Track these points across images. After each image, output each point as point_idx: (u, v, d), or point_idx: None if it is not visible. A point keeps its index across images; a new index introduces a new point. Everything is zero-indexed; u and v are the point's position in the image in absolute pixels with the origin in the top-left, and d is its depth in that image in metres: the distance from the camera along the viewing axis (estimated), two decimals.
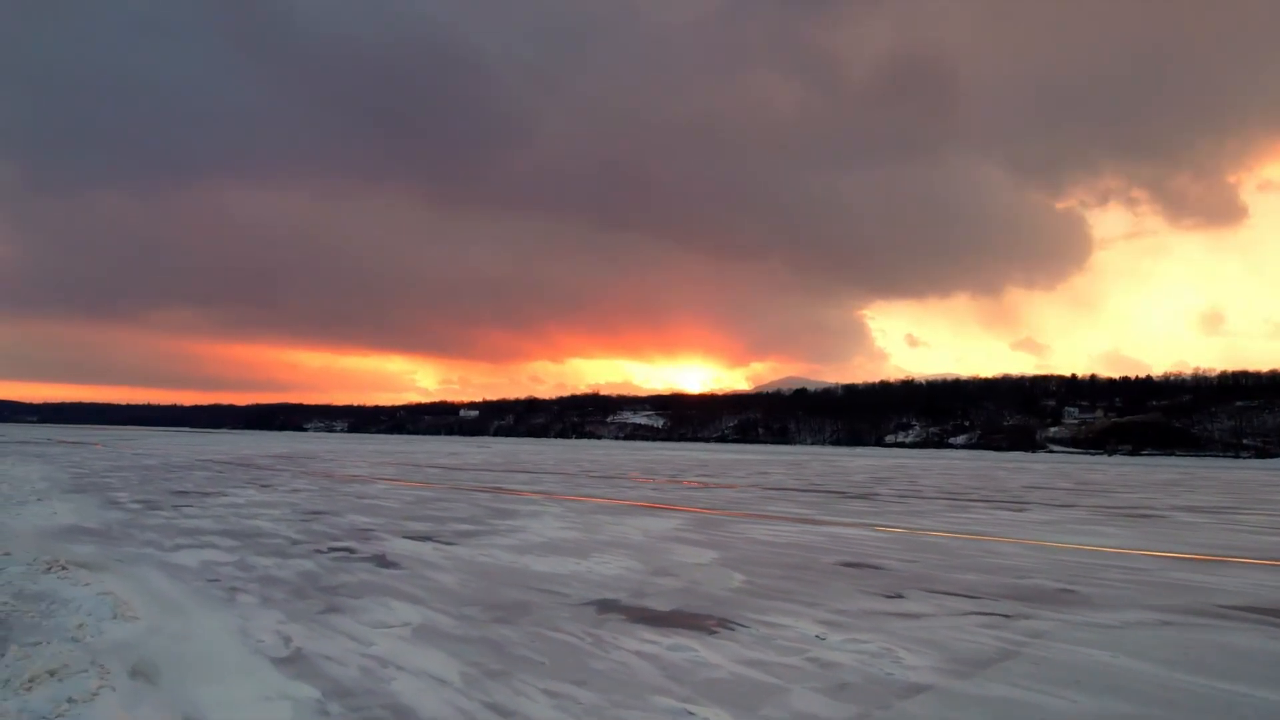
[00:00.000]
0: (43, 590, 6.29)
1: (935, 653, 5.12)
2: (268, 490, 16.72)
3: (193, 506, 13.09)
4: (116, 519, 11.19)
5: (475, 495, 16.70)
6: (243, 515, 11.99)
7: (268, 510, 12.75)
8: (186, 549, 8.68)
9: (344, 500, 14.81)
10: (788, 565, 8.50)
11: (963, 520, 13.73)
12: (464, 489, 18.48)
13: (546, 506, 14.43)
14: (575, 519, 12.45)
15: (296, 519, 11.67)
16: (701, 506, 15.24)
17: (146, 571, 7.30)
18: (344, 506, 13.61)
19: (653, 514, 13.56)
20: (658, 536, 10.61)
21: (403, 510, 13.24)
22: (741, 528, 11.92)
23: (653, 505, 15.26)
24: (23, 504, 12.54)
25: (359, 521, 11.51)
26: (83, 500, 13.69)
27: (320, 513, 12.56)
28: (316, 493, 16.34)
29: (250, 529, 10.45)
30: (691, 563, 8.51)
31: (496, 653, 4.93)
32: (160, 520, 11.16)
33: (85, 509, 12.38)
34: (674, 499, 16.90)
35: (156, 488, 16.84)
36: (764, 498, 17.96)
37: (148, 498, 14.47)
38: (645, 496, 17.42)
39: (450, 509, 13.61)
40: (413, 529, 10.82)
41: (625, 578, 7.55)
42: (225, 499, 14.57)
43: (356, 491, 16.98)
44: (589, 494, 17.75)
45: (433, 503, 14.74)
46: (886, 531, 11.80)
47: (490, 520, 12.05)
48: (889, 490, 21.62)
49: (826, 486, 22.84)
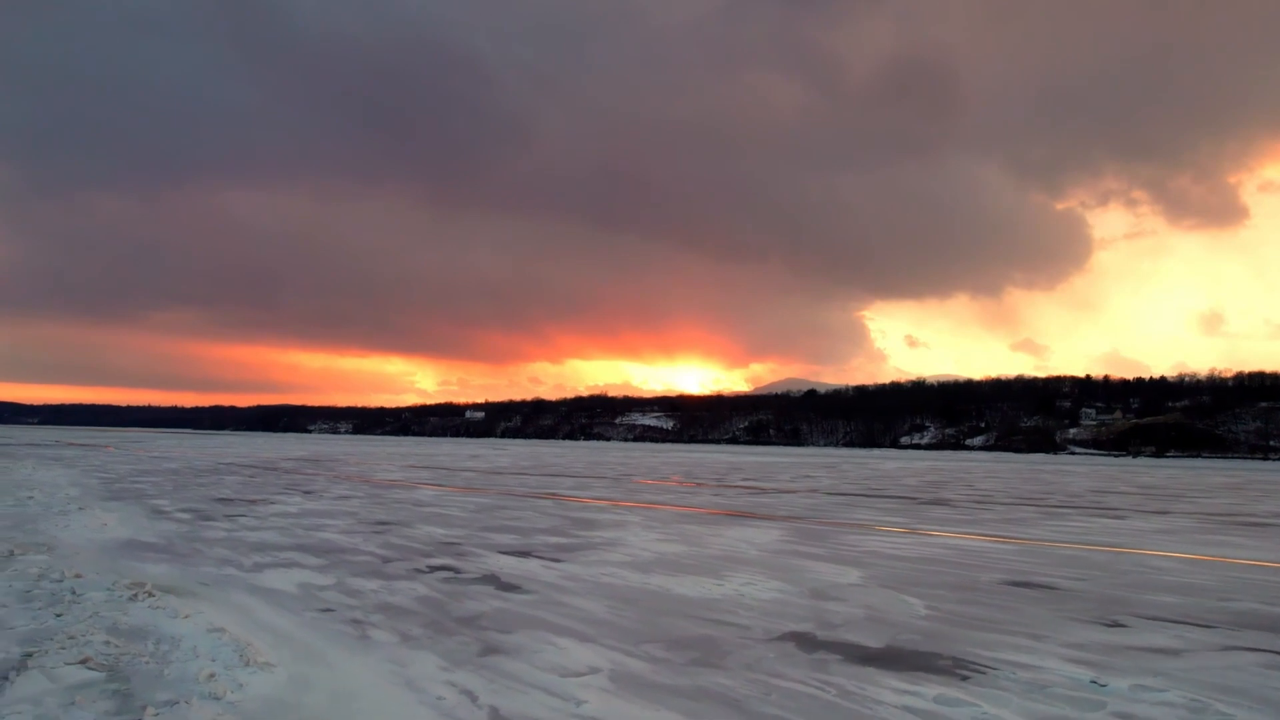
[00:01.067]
0: (140, 624, 5.35)
1: (1258, 706, 4.18)
2: (314, 497, 15.79)
3: (246, 516, 12.16)
4: (174, 531, 10.25)
5: (536, 502, 15.75)
6: (305, 526, 11.06)
7: (329, 520, 11.82)
8: (271, 569, 7.74)
9: (402, 508, 13.88)
10: (951, 585, 7.56)
11: (1074, 529, 12.77)
12: (518, 495, 17.53)
13: (622, 515, 13.49)
14: (666, 529, 11.50)
15: (367, 531, 10.73)
16: (783, 514, 14.28)
17: (243, 598, 6.36)
18: (408, 516, 12.67)
19: (741, 523, 12.61)
20: (772, 550, 9.68)
21: (473, 520, 12.30)
22: (851, 539, 10.98)
23: (733, 513, 14.31)
24: (64, 514, 11.62)
25: (436, 534, 10.57)
26: (125, 509, 12.76)
27: (388, 523, 11.62)
28: (367, 500, 15.41)
29: (324, 543, 9.51)
30: (845, 583, 7.57)
31: (737, 711, 3.99)
32: (220, 533, 10.22)
33: (133, 519, 11.45)
34: (745, 505, 15.94)
35: (195, 494, 15.92)
36: (837, 504, 16.99)
37: (193, 506, 13.55)
38: (714, 503, 16.46)
39: (523, 518, 12.67)
40: (501, 542, 9.88)
41: (791, 603, 6.60)
42: (274, 507, 13.64)
43: (408, 498, 16.05)
44: (653, 500, 16.79)
45: (498, 511, 13.79)
46: (1009, 543, 10.84)
47: (576, 531, 11.10)
48: (955, 495, 20.64)
49: (886, 491, 21.88)
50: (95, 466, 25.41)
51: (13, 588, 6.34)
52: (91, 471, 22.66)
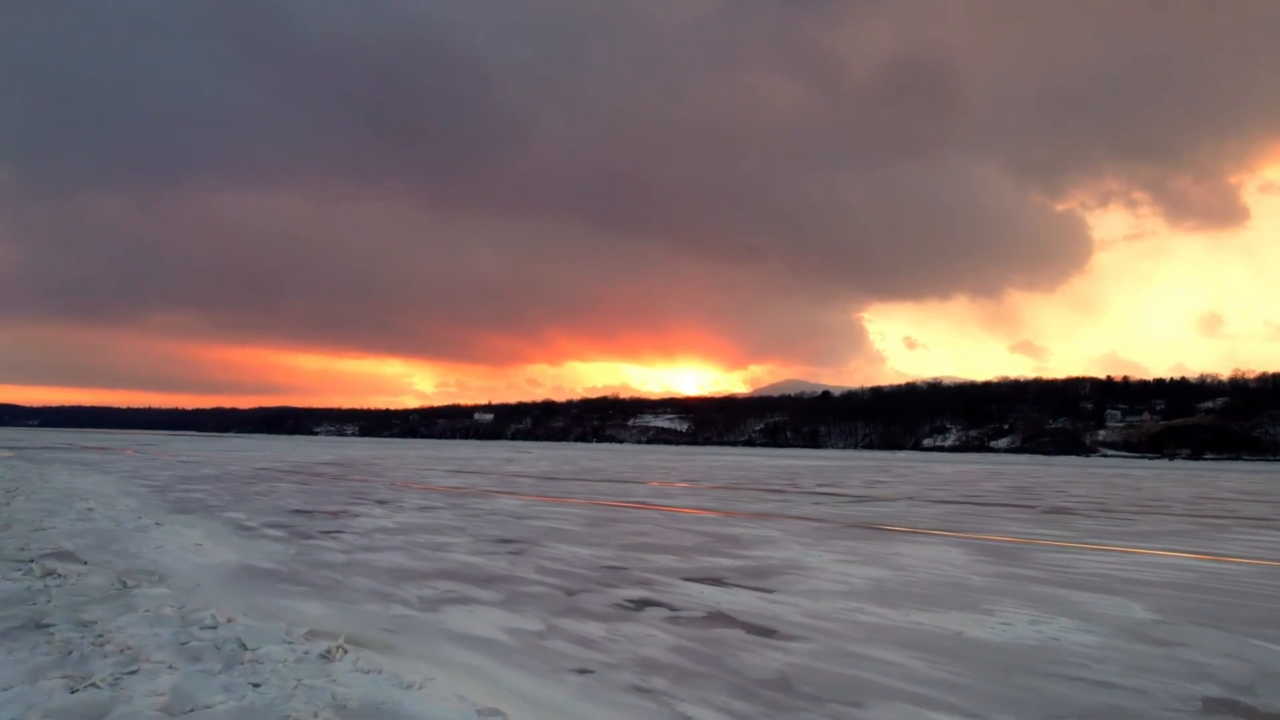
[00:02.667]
0: (369, 699, 3.99)
1: None
2: (395, 509, 14.46)
3: (345, 533, 10.82)
4: (283, 553, 8.91)
5: (641, 513, 14.39)
6: (425, 545, 9.71)
7: (442, 538, 10.48)
8: (446, 605, 6.38)
9: (506, 522, 12.54)
10: (1256, 621, 6.21)
11: (1271, 544, 11.37)
12: (608, 504, 16.17)
13: (756, 529, 12.12)
14: (829, 545, 10.12)
15: (499, 551, 9.38)
16: (929, 526, 12.91)
17: (459, 653, 5.01)
18: (524, 532, 11.32)
19: (900, 539, 11.25)
20: (987, 574, 8.34)
21: (601, 536, 10.95)
22: (1051, 557, 9.65)
23: (872, 526, 12.95)
24: (142, 530, 10.28)
25: (582, 554, 9.21)
26: (204, 524, 11.43)
27: (513, 541, 10.27)
28: (456, 512, 14.07)
29: (468, 568, 8.16)
30: (1145, 619, 6.29)
31: None
32: (336, 555, 8.88)
33: (223, 537, 10.11)
34: (866, 516, 14.57)
35: (263, 505, 14.59)
36: (961, 513, 15.61)
37: (275, 520, 12.21)
38: (832, 514, 15.08)
39: (652, 532, 11.30)
40: (668, 565, 8.52)
41: (1132, 651, 5.28)
42: (364, 520, 12.30)
43: (498, 509, 14.70)
44: (761, 510, 15.43)
45: (614, 524, 12.43)
46: (1236, 562, 9.45)
47: (733, 550, 9.74)
48: (1069, 503, 19.24)
49: (984, 497, 20.50)
50: (130, 472, 24.11)
51: (161, 637, 4.99)
52: (131, 478, 21.36)
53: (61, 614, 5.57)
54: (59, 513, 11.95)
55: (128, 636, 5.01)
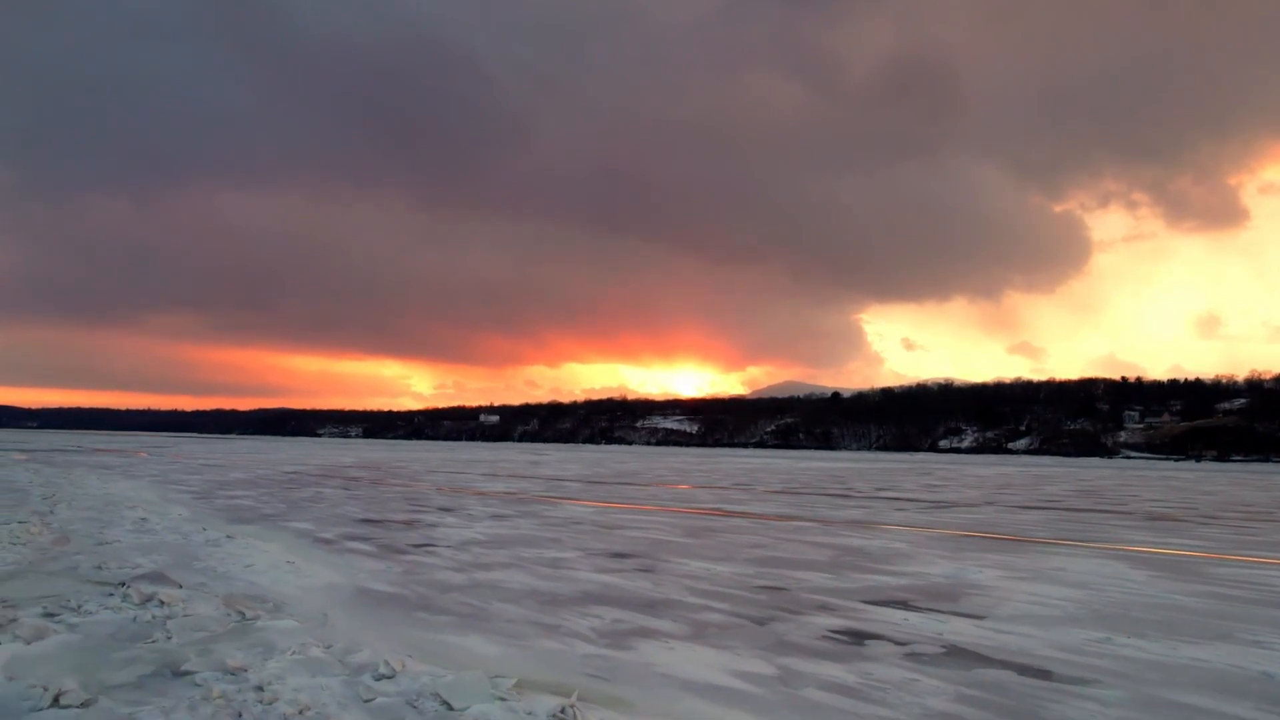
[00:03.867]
0: None
1: None
2: (468, 518, 13.51)
3: (436, 546, 9.87)
4: (385, 572, 7.96)
5: (731, 521, 13.43)
6: (537, 561, 8.75)
7: (550, 552, 9.52)
8: (636, 639, 5.42)
9: (598, 533, 11.58)
10: None
11: None
12: (690, 511, 15.20)
13: (878, 540, 11.14)
14: (983, 559, 9.14)
15: (624, 568, 8.42)
16: (1053, 536, 11.94)
17: (723, 713, 4.05)
18: (629, 544, 10.37)
19: (1049, 552, 10.27)
20: (1192, 593, 7.36)
21: (716, 549, 9.98)
22: (1227, 572, 8.67)
23: (998, 536, 11.97)
24: (215, 545, 9.32)
25: (719, 571, 8.25)
26: (277, 536, 10.47)
27: (629, 555, 9.31)
28: (535, 520, 13.11)
29: (611, 590, 7.20)
30: None
31: None
32: (450, 574, 7.93)
33: (305, 551, 9.16)
34: (960, 522, 13.59)
35: (323, 513, 13.65)
36: (1070, 521, 14.64)
37: (347, 530, 11.26)
38: (933, 520, 14.11)
39: (769, 545, 10.33)
40: (830, 585, 7.56)
41: None
42: (444, 531, 11.36)
43: (581, 518, 13.75)
44: (863, 519, 14.46)
45: (712, 534, 11.47)
46: None
47: (882, 566, 8.77)
48: (1158, 508, 18.26)
49: (1062, 502, 19.52)
50: (158, 476, 23.16)
51: (333, 690, 4.03)
52: (164, 483, 20.41)
53: (195, 656, 4.61)
54: (113, 523, 11.01)
55: (293, 689, 4.05)
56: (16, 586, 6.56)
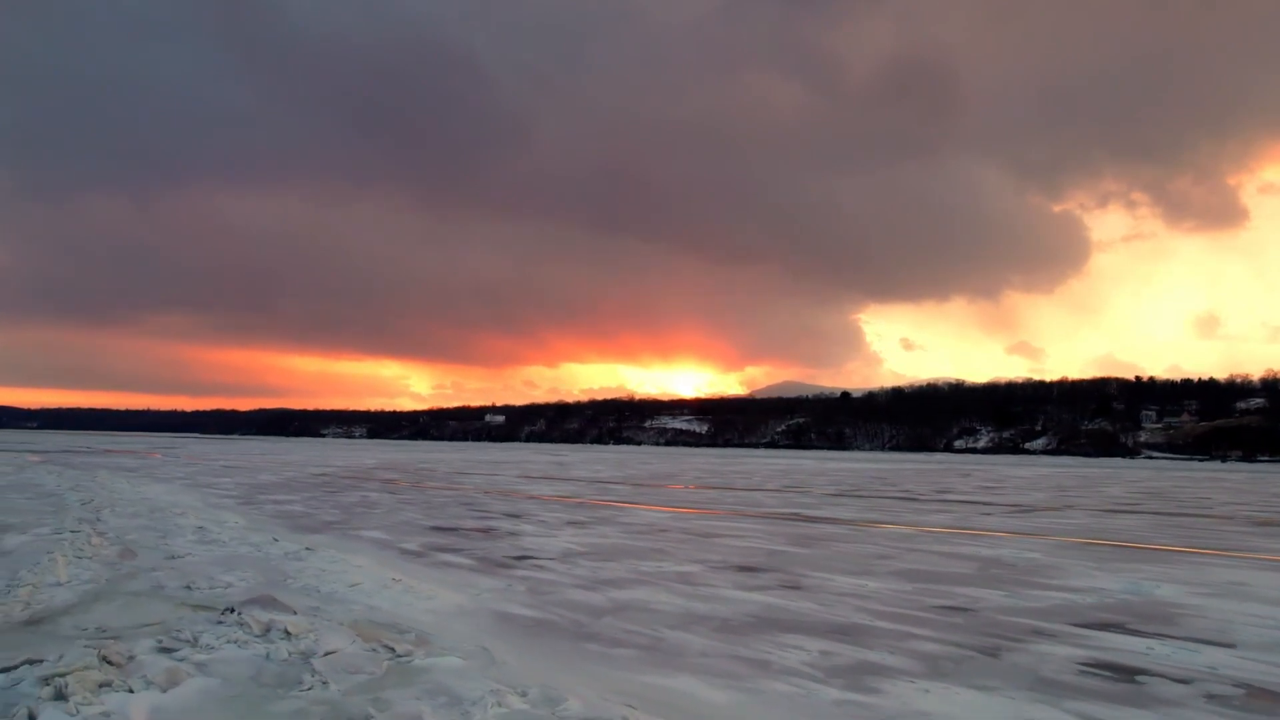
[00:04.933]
0: None
1: None
2: (551, 526, 12.66)
3: (538, 558, 9.01)
4: (509, 592, 7.10)
5: (824, 528, 12.57)
6: (664, 576, 7.90)
7: (667, 564, 8.66)
8: (875, 679, 4.56)
9: (697, 541, 10.73)
10: None
11: None
12: (771, 516, 14.34)
13: (1006, 549, 10.26)
14: (1151, 572, 8.27)
15: (764, 585, 7.56)
16: (1184, 545, 11.06)
17: None
18: (741, 555, 9.51)
19: (1208, 563, 9.40)
20: None
21: (840, 560, 9.13)
22: None
23: (1129, 545, 11.09)
24: (297, 559, 8.46)
25: (871, 588, 7.38)
26: (357, 547, 9.62)
27: (753, 569, 8.45)
28: (623, 528, 12.26)
29: (786, 614, 6.34)
30: None
31: None
32: (582, 593, 7.07)
33: (401, 566, 8.31)
34: (1079, 530, 12.72)
35: (388, 521, 12.81)
36: (1184, 528, 13.76)
37: (429, 540, 10.41)
38: (1040, 529, 13.23)
39: (895, 555, 9.46)
40: (1012, 604, 6.70)
41: None
42: (538, 541, 10.51)
43: (668, 525, 12.89)
44: (962, 525, 13.59)
45: (820, 542, 10.60)
46: None
47: (1047, 581, 7.90)
48: (1257, 514, 17.37)
49: (1142, 505, 18.64)
50: (185, 479, 22.33)
51: None
52: (196, 486, 19.59)
53: (375, 710, 3.75)
54: (171, 533, 10.16)
55: None
56: (108, 612, 5.71)
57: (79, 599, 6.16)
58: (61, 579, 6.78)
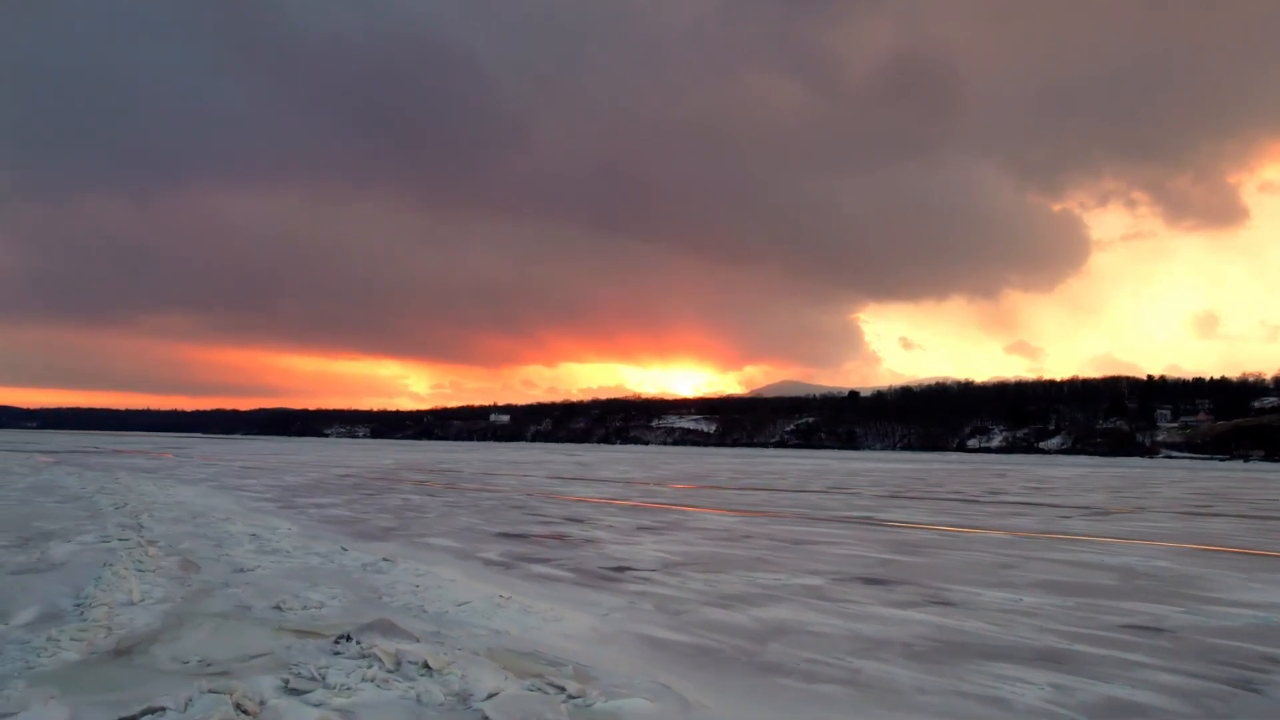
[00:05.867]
0: None
1: None
2: (622, 532, 11.95)
3: (640, 569, 8.29)
4: (636, 611, 6.38)
5: (916, 534, 11.84)
6: (791, 591, 7.17)
7: (780, 576, 7.93)
8: None
9: (793, 549, 9.99)
10: None
11: None
12: (847, 520, 13.62)
13: (1131, 557, 9.53)
14: None
15: (909, 599, 6.83)
16: (1263, 548, 10.33)
17: None
18: (858, 566, 8.78)
19: None
20: None
21: (962, 571, 8.39)
22: None
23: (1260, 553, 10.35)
24: (376, 571, 7.75)
25: (1038, 604, 6.64)
26: (431, 557, 8.90)
27: (883, 582, 7.72)
28: (703, 535, 11.54)
29: (963, 636, 5.60)
30: None
31: None
32: (728, 614, 6.35)
33: (497, 579, 7.59)
34: (1185, 535, 11.98)
35: (444, 526, 12.10)
36: (1260, 530, 13.03)
37: (502, 548, 9.70)
38: (1140, 531, 12.50)
39: (1019, 565, 8.72)
40: (1221, 626, 5.96)
41: None
42: (626, 550, 9.79)
43: (752, 532, 12.17)
44: (1060, 530, 12.86)
45: (931, 551, 9.87)
46: None
47: (1202, 594, 7.17)
48: None
49: (1212, 508, 17.89)
50: (211, 480, 21.63)
51: None
52: (225, 489, 18.89)
53: None
54: (226, 541, 9.45)
55: None
56: (202, 639, 5.00)
57: (161, 622, 5.44)
58: (134, 597, 6.07)
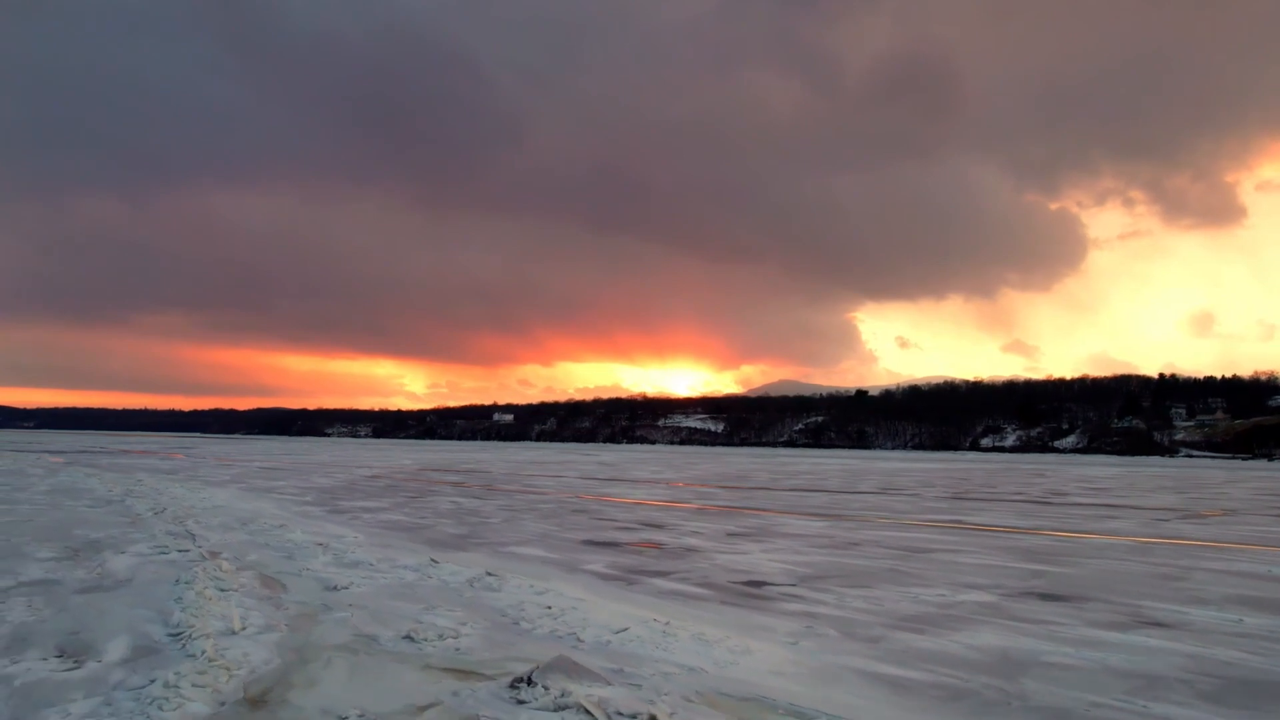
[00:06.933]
0: None
1: None
2: (705, 536, 11.08)
3: (788, 585, 7.40)
4: (817, 637, 5.50)
5: (1031, 540, 10.95)
6: (989, 614, 6.29)
7: (943, 592, 7.05)
8: None
9: (914, 559, 9.11)
10: None
11: None
12: (933, 525, 12.74)
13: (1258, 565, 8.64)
14: None
15: (1114, 619, 5.95)
16: None
17: None
18: (1009, 579, 7.89)
19: None
20: None
21: (1132, 585, 7.49)
22: None
23: None
24: (488, 589, 6.87)
25: (1262, 626, 5.76)
26: (527, 568, 8.02)
27: (1061, 599, 6.83)
28: (804, 542, 10.66)
29: (1228, 670, 4.71)
30: None
31: None
32: (922, 639, 5.47)
33: (633, 598, 6.71)
34: None
35: (517, 533, 11.21)
36: None
37: (604, 559, 8.81)
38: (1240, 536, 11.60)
39: (1178, 574, 7.83)
40: None
41: None
42: (725, 556, 8.90)
43: (832, 537, 11.28)
44: (1153, 534, 11.97)
45: (1067, 559, 8.99)
46: None
47: None
48: None
49: None
50: (234, 481, 20.75)
51: None
52: (257, 491, 18.02)
53: None
54: (296, 553, 8.58)
55: None
56: (343, 684, 4.11)
57: (280, 658, 4.57)
58: (235, 625, 5.19)
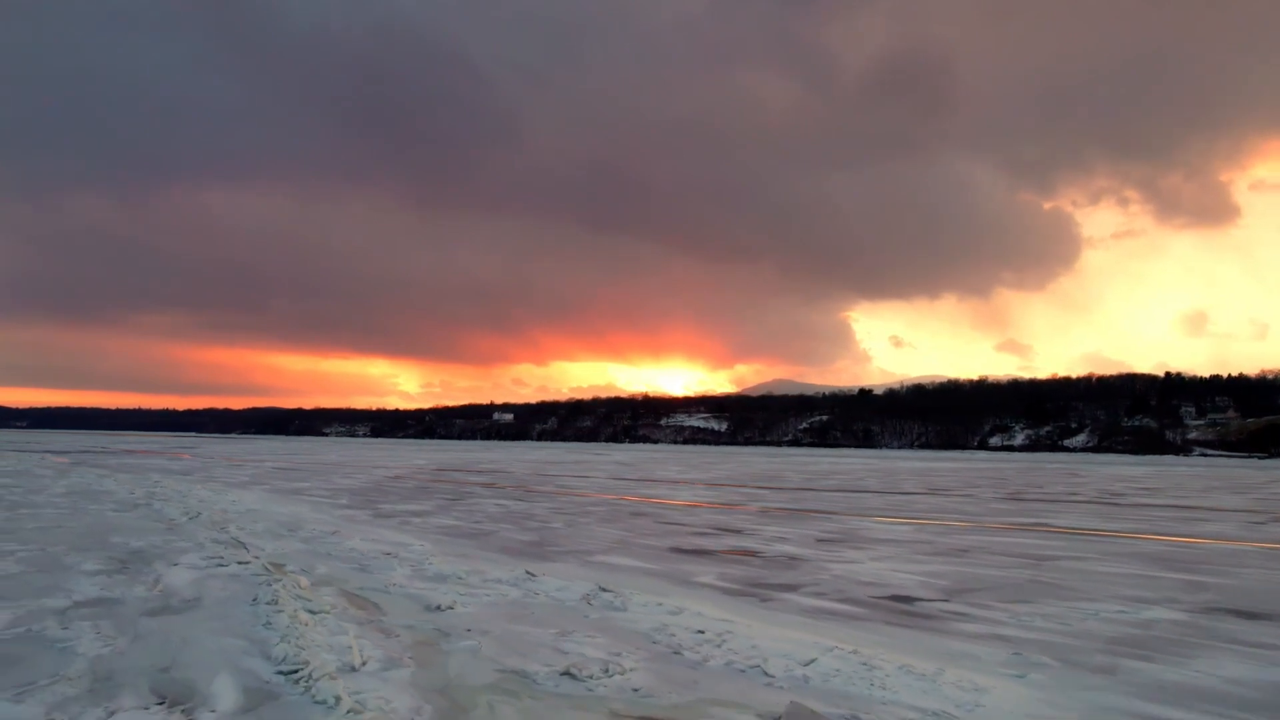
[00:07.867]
0: None
1: None
2: (793, 542, 10.29)
3: (929, 601, 6.61)
4: (1022, 663, 4.70)
5: (1130, 545, 10.17)
6: (1185, 632, 5.50)
7: (1126, 610, 6.26)
8: None
9: (1032, 567, 8.32)
10: None
11: None
12: (1021, 529, 11.96)
13: None
14: None
15: None
16: None
17: None
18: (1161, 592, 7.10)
19: None
20: None
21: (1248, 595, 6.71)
22: None
23: None
24: (611, 608, 6.06)
25: None
26: (628, 580, 7.22)
27: (1237, 613, 6.05)
28: (904, 548, 9.86)
29: None
30: None
31: None
32: (1159, 670, 4.68)
33: (762, 615, 5.91)
34: None
35: (588, 539, 10.40)
36: None
37: (713, 569, 8.02)
38: None
39: None
40: None
41: None
42: (842, 566, 8.10)
43: (929, 543, 10.49)
44: (1235, 534, 11.20)
45: (1202, 568, 8.21)
46: None
47: None
48: None
49: None
50: (254, 482, 19.91)
51: None
52: (282, 493, 17.19)
53: None
54: (366, 564, 7.77)
55: None
56: None
57: (428, 703, 3.77)
58: (355, 660, 4.38)
